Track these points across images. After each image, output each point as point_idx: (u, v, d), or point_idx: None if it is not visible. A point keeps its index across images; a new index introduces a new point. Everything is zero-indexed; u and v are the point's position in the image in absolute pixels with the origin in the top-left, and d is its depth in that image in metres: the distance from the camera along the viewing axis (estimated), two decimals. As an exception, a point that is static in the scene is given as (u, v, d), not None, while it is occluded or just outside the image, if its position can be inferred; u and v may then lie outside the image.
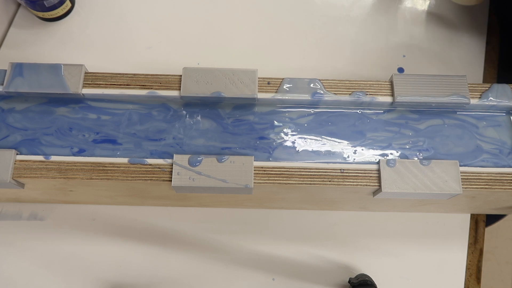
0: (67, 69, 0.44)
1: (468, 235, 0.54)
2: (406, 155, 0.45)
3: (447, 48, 0.62)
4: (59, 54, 0.60)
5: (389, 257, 0.52)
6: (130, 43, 0.62)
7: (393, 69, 0.61)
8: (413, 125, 0.46)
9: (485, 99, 0.45)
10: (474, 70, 0.61)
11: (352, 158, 0.44)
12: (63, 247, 0.52)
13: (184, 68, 0.45)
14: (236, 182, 0.41)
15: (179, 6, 0.64)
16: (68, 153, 0.43)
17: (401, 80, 0.45)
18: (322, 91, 0.45)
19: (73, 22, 0.63)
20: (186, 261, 0.52)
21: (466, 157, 0.45)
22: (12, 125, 0.44)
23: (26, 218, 0.53)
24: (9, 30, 0.62)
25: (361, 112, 0.46)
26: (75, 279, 0.50)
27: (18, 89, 0.44)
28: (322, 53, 0.62)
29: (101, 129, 0.44)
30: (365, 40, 0.63)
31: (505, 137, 0.46)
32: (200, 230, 0.53)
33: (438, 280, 0.51)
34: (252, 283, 0.51)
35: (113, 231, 0.53)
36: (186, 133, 0.45)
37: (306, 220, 0.54)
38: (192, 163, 0.42)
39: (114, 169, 0.42)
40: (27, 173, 0.42)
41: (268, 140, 0.45)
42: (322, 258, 0.52)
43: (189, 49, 0.61)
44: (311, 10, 0.65)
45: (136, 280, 0.51)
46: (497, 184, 0.43)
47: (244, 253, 0.52)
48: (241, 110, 0.46)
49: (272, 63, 0.61)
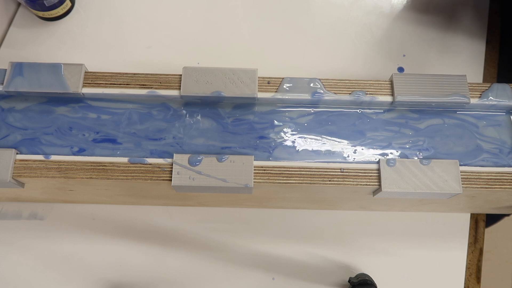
0: (67, 68, 0.44)
1: (468, 235, 0.54)
2: (406, 154, 0.45)
3: (447, 48, 0.62)
4: (59, 53, 0.60)
5: (389, 257, 0.52)
6: (130, 42, 0.62)
7: (393, 69, 0.61)
8: (413, 124, 0.46)
9: (485, 99, 0.45)
10: (474, 70, 0.61)
11: (352, 158, 0.44)
12: (63, 246, 0.52)
13: (184, 68, 0.45)
14: (236, 182, 0.41)
15: (179, 5, 0.64)
16: (68, 153, 0.43)
17: (401, 79, 0.45)
18: (322, 91, 0.45)
19: (73, 22, 0.63)
20: (186, 260, 0.52)
21: (466, 157, 0.45)
22: (12, 124, 0.44)
23: (26, 217, 0.53)
24: (9, 30, 0.62)
25: (361, 111, 0.46)
26: (75, 279, 0.50)
27: (18, 88, 0.44)
28: (322, 53, 0.62)
29: (101, 129, 0.44)
30: (365, 40, 0.63)
31: (505, 136, 0.46)
32: (200, 230, 0.53)
33: (438, 279, 0.51)
34: (252, 283, 0.51)
35: (113, 230, 0.53)
36: (186, 132, 0.45)
37: (306, 220, 0.54)
38: (192, 162, 0.42)
39: (114, 168, 0.42)
40: (27, 173, 0.42)
41: (268, 139, 0.45)
42: (322, 257, 0.52)
43: (189, 48, 0.61)
44: (311, 10, 0.65)
45: (136, 280, 0.51)
46: (497, 184, 0.43)
47: (244, 253, 0.52)
48: (241, 109, 0.46)
49: (272, 62, 0.60)
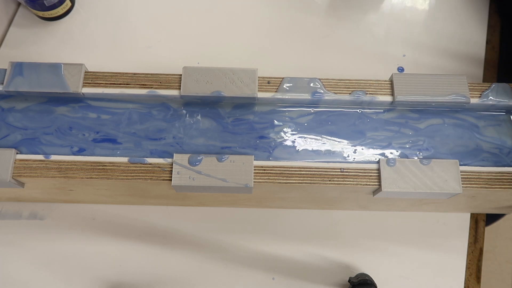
0: (67, 68, 0.44)
1: (468, 235, 0.54)
2: (406, 154, 0.45)
3: (447, 48, 0.62)
4: (59, 53, 0.60)
5: (389, 256, 0.52)
6: (130, 42, 0.62)
7: (393, 69, 0.61)
8: (413, 124, 0.46)
9: (485, 99, 0.45)
10: (474, 70, 0.61)
11: (352, 158, 0.44)
12: (63, 246, 0.52)
13: (184, 68, 0.45)
14: (236, 182, 0.41)
15: (179, 5, 0.64)
16: (68, 153, 0.43)
17: (401, 79, 0.45)
18: (322, 90, 0.45)
19: (73, 22, 0.63)
20: (186, 260, 0.52)
21: (466, 157, 0.45)
22: (12, 124, 0.44)
23: (26, 217, 0.53)
24: (9, 30, 0.62)
25: (361, 111, 0.46)
26: (75, 278, 0.50)
27: (18, 88, 0.44)
28: (322, 53, 0.62)
29: (101, 129, 0.44)
30: (365, 39, 0.63)
31: (505, 136, 0.46)
32: (200, 230, 0.53)
33: (438, 279, 0.51)
34: (252, 283, 0.51)
35: (113, 230, 0.53)
36: (186, 132, 0.45)
37: (306, 220, 0.54)
38: (192, 162, 0.42)
39: (114, 168, 0.42)
40: (27, 173, 0.42)
41: (268, 139, 0.45)
42: (322, 257, 0.52)
43: (189, 48, 0.61)
44: (311, 10, 0.65)
45: (136, 280, 0.51)
46: (497, 184, 0.43)
47: (244, 252, 0.52)
48: (241, 109, 0.46)
49: (272, 62, 0.60)
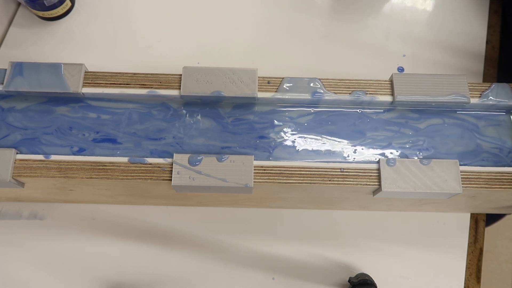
0: (67, 68, 0.44)
1: (468, 235, 0.54)
2: (406, 154, 0.45)
3: (447, 48, 0.62)
4: (59, 53, 0.60)
5: (389, 256, 0.52)
6: (130, 42, 0.62)
7: (393, 69, 0.61)
8: (413, 124, 0.46)
9: (485, 99, 0.45)
10: (474, 70, 0.61)
11: (352, 158, 0.44)
12: (63, 246, 0.52)
13: (184, 67, 0.45)
14: (236, 182, 0.41)
15: (179, 5, 0.64)
16: (68, 153, 0.43)
17: (401, 79, 0.45)
18: (322, 90, 0.45)
19: (73, 22, 0.63)
20: (186, 260, 0.52)
21: (466, 156, 0.45)
22: (12, 124, 0.44)
23: (26, 217, 0.53)
24: (9, 30, 0.62)
25: (361, 111, 0.46)
26: (75, 278, 0.50)
27: (18, 88, 0.44)
28: (322, 53, 0.62)
29: (101, 128, 0.44)
30: (365, 39, 0.63)
31: (505, 136, 0.46)
32: (200, 230, 0.53)
33: (438, 279, 0.51)
34: (252, 282, 0.51)
35: (113, 230, 0.53)
36: (186, 132, 0.45)
37: (306, 220, 0.54)
38: (192, 162, 0.42)
39: (114, 168, 0.42)
40: (27, 172, 0.42)
41: (268, 139, 0.45)
42: (322, 257, 0.52)
43: (189, 48, 0.61)
44: (311, 10, 0.65)
45: (136, 280, 0.51)
46: (497, 183, 0.43)
47: (244, 252, 0.52)
48: (241, 109, 0.46)
49: (272, 62, 0.60)
